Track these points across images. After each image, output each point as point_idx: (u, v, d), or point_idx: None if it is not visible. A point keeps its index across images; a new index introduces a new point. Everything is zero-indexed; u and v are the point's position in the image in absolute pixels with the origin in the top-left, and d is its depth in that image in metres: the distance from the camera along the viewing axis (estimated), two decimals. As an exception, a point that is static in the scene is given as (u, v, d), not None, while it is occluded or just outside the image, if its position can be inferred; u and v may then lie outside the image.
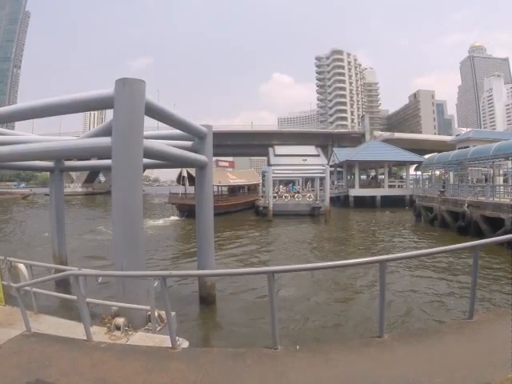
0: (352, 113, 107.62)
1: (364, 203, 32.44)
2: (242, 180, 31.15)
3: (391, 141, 45.70)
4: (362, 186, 37.03)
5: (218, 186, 25.71)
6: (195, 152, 7.10)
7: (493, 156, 16.54)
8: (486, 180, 20.67)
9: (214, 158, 31.05)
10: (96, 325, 3.97)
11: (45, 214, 19.32)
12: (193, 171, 20.57)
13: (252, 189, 33.78)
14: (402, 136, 56.19)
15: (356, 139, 57.54)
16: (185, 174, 24.06)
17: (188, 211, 21.38)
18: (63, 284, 6.54)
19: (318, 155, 42.25)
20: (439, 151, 27.55)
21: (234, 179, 29.90)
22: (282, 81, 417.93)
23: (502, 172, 22.87)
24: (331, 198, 26.40)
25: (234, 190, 30.27)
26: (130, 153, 4.49)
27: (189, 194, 24.58)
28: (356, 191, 34.43)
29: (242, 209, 28.90)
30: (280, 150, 44.44)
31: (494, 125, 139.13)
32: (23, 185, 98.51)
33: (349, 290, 8.22)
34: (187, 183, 24.17)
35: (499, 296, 7.16)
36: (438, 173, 29.93)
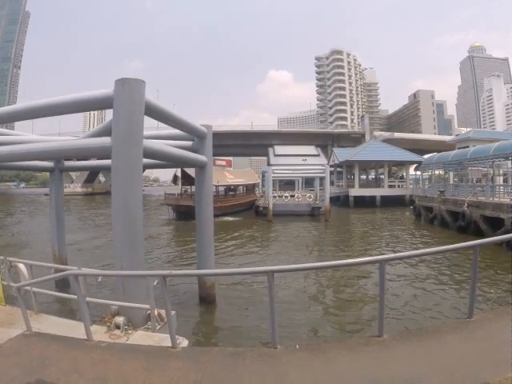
0: (352, 113, 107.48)
1: (364, 203, 32.45)
2: (240, 180, 29.91)
3: (391, 141, 45.74)
4: (367, 185, 36.95)
5: (216, 185, 24.00)
6: (195, 152, 7.11)
7: (493, 156, 16.55)
8: (477, 182, 20.49)
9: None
10: (96, 324, 3.98)
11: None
12: (189, 170, 20.21)
13: (250, 189, 32.69)
14: (401, 136, 56.31)
15: (356, 139, 57.49)
16: (178, 173, 23.41)
17: (185, 212, 20.36)
18: (63, 284, 6.55)
19: (318, 155, 42.38)
20: (439, 151, 27.54)
21: (232, 179, 28.69)
22: (282, 80, 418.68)
23: (501, 172, 22.83)
24: (331, 198, 26.36)
25: (232, 190, 29.04)
26: (129, 153, 4.49)
27: (184, 194, 24.04)
28: (356, 191, 34.44)
29: (241, 210, 27.50)
30: (280, 149, 44.52)
31: (493, 125, 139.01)
32: (23, 185, 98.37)
33: (348, 289, 8.23)
34: (180, 183, 23.80)
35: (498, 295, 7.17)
36: (437, 173, 29.93)
